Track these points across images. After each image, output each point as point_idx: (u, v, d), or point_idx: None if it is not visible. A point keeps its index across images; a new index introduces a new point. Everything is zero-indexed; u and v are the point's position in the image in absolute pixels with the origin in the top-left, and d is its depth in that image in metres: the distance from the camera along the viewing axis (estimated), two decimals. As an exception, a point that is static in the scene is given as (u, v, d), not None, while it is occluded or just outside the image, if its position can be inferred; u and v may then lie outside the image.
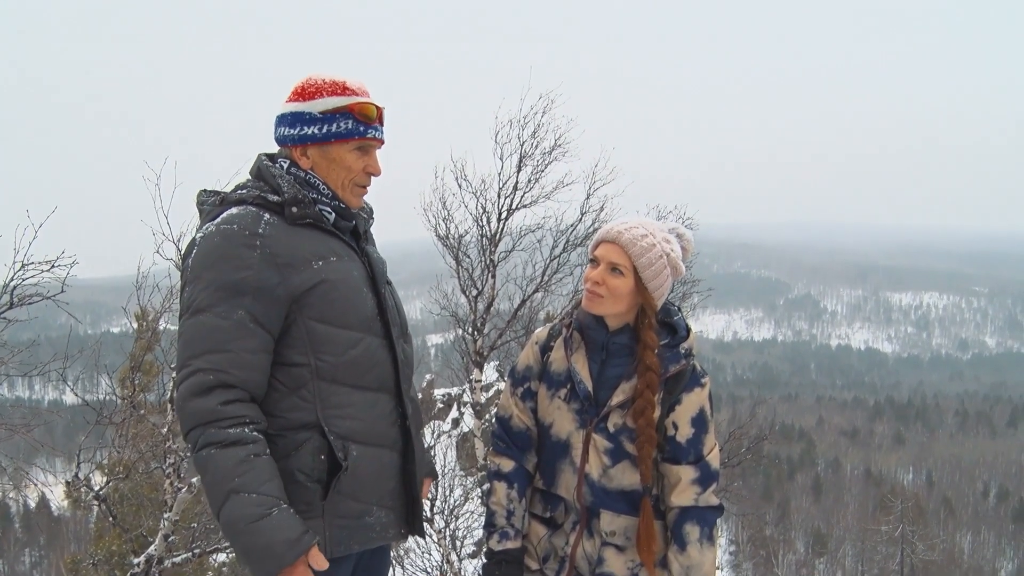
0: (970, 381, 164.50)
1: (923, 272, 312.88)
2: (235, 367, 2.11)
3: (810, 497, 65.26)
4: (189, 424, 2.10)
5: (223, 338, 2.10)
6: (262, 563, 2.05)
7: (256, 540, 2.03)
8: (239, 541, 2.06)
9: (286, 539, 2.05)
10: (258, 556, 2.04)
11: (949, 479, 77.07)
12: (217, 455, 2.06)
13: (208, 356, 2.09)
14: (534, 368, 2.72)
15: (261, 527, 2.03)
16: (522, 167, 8.99)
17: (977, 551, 59.09)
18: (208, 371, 2.08)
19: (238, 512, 2.04)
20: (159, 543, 5.56)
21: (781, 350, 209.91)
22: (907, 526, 37.17)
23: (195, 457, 2.10)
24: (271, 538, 2.03)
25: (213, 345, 2.10)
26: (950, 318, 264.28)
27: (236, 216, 2.19)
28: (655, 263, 2.47)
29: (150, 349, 8.22)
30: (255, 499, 2.04)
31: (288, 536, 2.05)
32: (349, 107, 2.31)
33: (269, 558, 2.04)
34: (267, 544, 2.03)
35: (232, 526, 2.05)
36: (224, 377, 2.09)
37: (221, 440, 2.06)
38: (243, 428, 2.09)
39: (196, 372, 2.09)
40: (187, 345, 2.13)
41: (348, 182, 2.37)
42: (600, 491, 2.56)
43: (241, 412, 2.10)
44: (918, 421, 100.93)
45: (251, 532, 2.03)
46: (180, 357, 2.15)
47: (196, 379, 2.09)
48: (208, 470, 2.07)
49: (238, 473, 2.05)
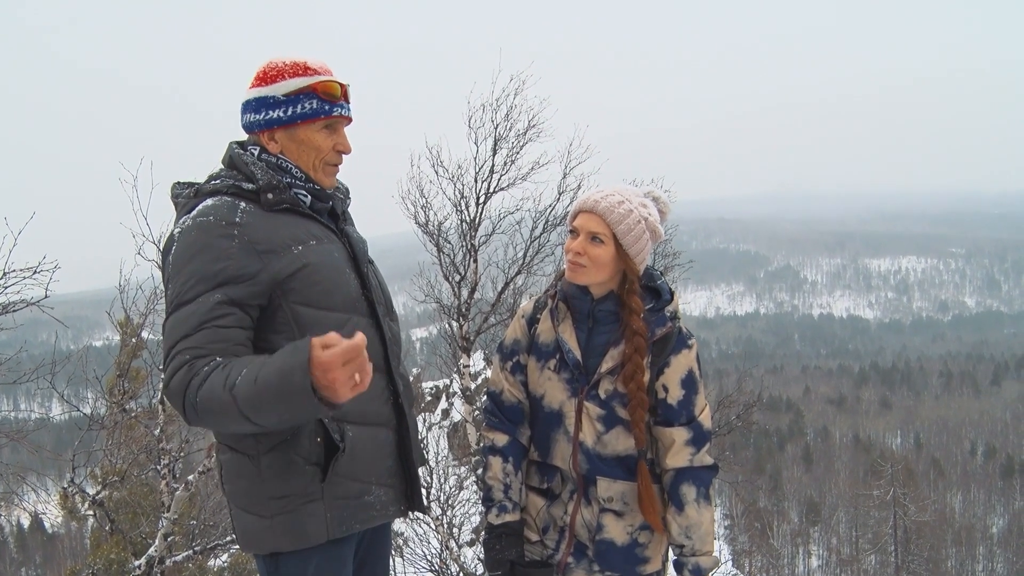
0: (952, 342, 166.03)
1: (900, 236, 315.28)
2: (209, 341, 2.05)
3: (801, 467, 65.70)
4: (179, 400, 2.02)
5: (197, 321, 2.06)
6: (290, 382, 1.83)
7: (271, 381, 1.85)
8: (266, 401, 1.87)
9: (286, 352, 1.88)
10: (287, 388, 1.84)
11: (937, 440, 77.81)
12: (206, 387, 1.96)
13: (184, 340, 2.05)
14: (522, 341, 2.73)
15: (265, 372, 1.88)
16: (497, 150, 8.98)
17: (968, 509, 59.63)
18: (184, 351, 2.03)
19: (245, 390, 1.89)
20: (159, 543, 5.56)
21: (764, 323, 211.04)
22: (898, 489, 37.40)
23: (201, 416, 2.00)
24: (276, 365, 1.86)
25: (188, 329, 2.05)
26: (929, 281, 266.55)
27: (212, 207, 2.17)
28: (634, 229, 2.48)
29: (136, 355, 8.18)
30: (246, 372, 1.92)
31: (287, 351, 1.89)
32: (312, 87, 2.28)
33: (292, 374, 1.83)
34: (279, 371, 1.85)
35: (252, 402, 1.88)
36: (198, 351, 2.03)
37: (203, 379, 1.97)
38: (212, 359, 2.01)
39: (175, 357, 2.04)
40: (167, 338, 2.09)
41: (319, 162, 2.35)
42: (595, 458, 2.58)
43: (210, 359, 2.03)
44: (903, 385, 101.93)
45: (263, 383, 1.87)
46: (163, 352, 2.11)
47: (175, 363, 2.04)
48: (211, 406, 1.95)
49: (228, 376, 1.94)
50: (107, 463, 7.42)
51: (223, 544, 6.39)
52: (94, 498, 5.92)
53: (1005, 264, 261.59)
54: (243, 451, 2.23)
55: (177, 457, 5.83)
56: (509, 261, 9.56)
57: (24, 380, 5.73)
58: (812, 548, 54.58)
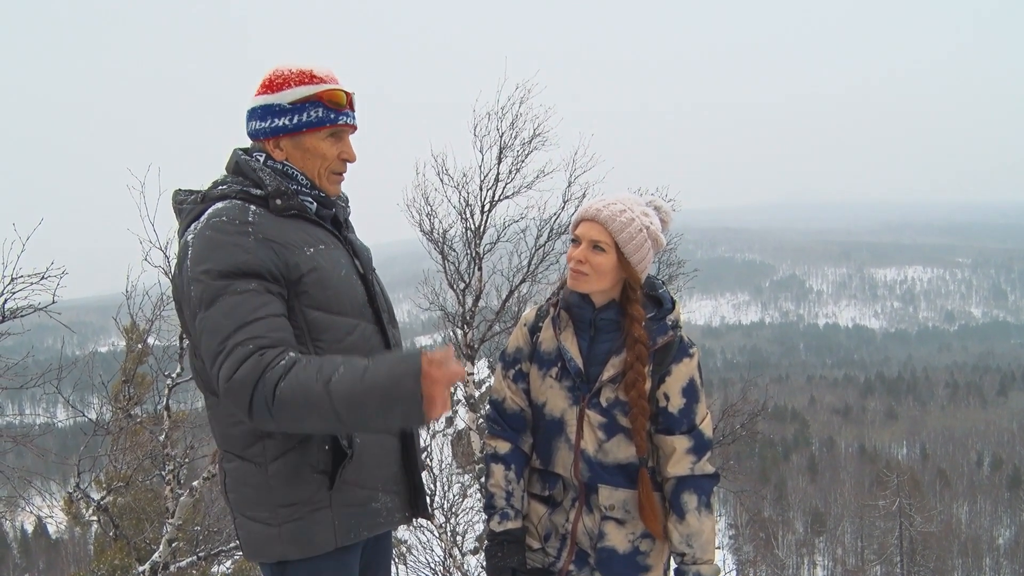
0: (958, 352, 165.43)
1: (906, 247, 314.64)
2: (269, 330, 2.01)
3: (806, 477, 65.42)
4: (247, 392, 1.97)
5: (247, 309, 2.02)
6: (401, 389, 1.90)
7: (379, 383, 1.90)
8: (372, 404, 1.92)
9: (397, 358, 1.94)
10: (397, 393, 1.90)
11: (943, 451, 77.48)
12: (291, 380, 1.93)
13: (240, 330, 2.00)
14: (524, 349, 2.73)
15: (372, 373, 1.91)
16: (502, 158, 8.99)
17: (974, 520, 59.37)
18: (245, 342, 1.99)
19: (344, 388, 1.91)
20: (163, 548, 5.57)
21: (769, 332, 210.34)
22: (904, 500, 37.23)
23: (275, 409, 1.96)
24: (387, 369, 1.91)
25: (241, 319, 2.01)
26: (935, 291, 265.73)
27: (223, 210, 2.15)
28: (635, 237, 2.48)
29: (142, 361, 8.21)
30: (345, 369, 1.93)
31: (396, 357, 1.95)
32: (318, 95, 2.28)
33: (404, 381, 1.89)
34: (390, 376, 1.90)
35: (352, 402, 1.90)
36: (262, 342, 2.00)
37: (284, 371, 1.95)
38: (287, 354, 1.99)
39: (234, 348, 1.99)
40: (215, 332, 2.03)
41: (324, 170, 2.35)
42: (597, 466, 2.58)
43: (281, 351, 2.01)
44: (909, 395, 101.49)
45: (371, 384, 1.91)
46: (211, 347, 2.03)
47: (236, 354, 1.98)
48: (295, 399, 1.93)
49: (320, 370, 1.94)
50: (112, 468, 7.44)
51: (227, 550, 6.40)
52: (99, 503, 5.93)
53: (1012, 274, 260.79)
54: (250, 459, 2.22)
55: (182, 463, 5.84)
56: (514, 269, 9.57)
57: (31, 385, 5.74)
58: (817, 558, 54.31)
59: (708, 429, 2.59)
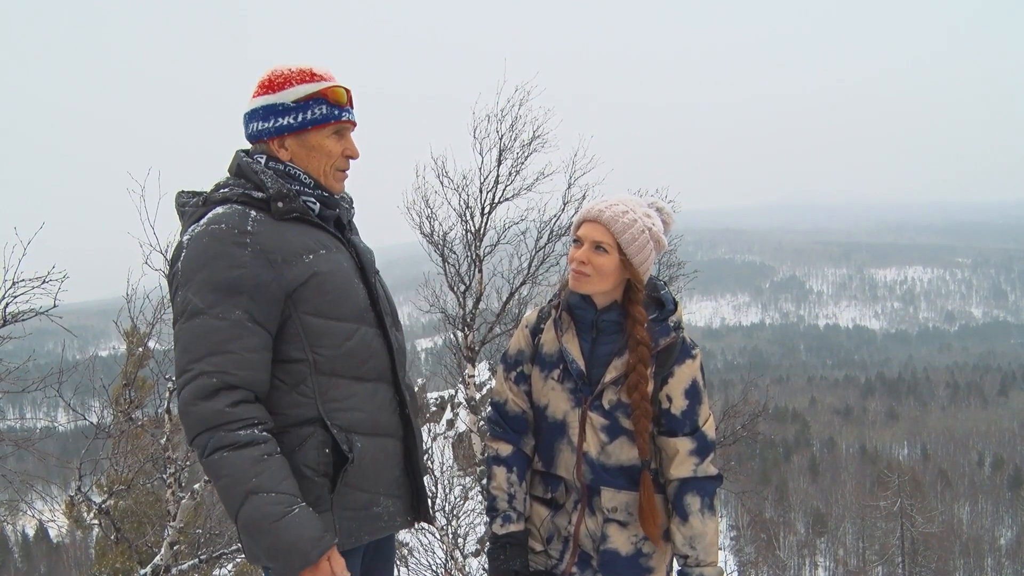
0: (959, 352, 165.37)
1: (906, 247, 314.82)
2: (238, 367, 2.07)
3: (807, 478, 65.36)
4: (196, 428, 2.06)
5: (223, 339, 2.07)
6: (287, 561, 2.05)
7: (281, 538, 2.03)
8: (262, 541, 2.04)
9: (310, 536, 2.05)
10: (284, 555, 2.04)
11: (944, 451, 77.42)
12: (231, 457, 2.03)
13: (210, 359, 2.06)
14: (526, 351, 2.73)
15: (285, 525, 2.03)
16: (502, 161, 8.97)
17: (976, 520, 59.29)
18: (211, 373, 2.05)
19: (259, 511, 2.02)
20: (165, 552, 5.57)
21: (770, 333, 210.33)
22: (905, 500, 37.30)
23: (206, 462, 2.07)
24: (296, 535, 2.03)
25: (213, 347, 2.06)
26: (935, 291, 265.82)
27: (223, 215, 2.16)
28: (638, 238, 2.48)
29: (142, 365, 8.20)
30: (275, 498, 2.03)
31: (312, 534, 2.06)
32: (322, 92, 2.28)
33: (295, 555, 2.04)
34: (292, 542, 2.03)
35: (254, 526, 2.03)
36: (228, 379, 2.06)
37: (233, 442, 2.03)
38: (253, 429, 2.07)
39: (199, 375, 2.05)
40: (186, 349, 2.09)
41: (330, 168, 2.35)
42: (599, 468, 2.58)
43: (250, 413, 2.08)
44: (910, 396, 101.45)
45: (275, 531, 2.02)
46: (180, 362, 2.10)
47: (199, 383, 2.05)
48: (222, 473, 2.04)
49: (255, 473, 2.03)
50: (113, 472, 7.44)
51: (228, 553, 6.40)
52: (100, 506, 5.93)
53: (1012, 274, 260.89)
54: None
55: (183, 466, 5.84)
56: (514, 271, 9.56)
57: (32, 389, 5.75)
58: (819, 559, 54.30)
59: (711, 431, 2.59)
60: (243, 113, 2.34)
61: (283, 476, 2.08)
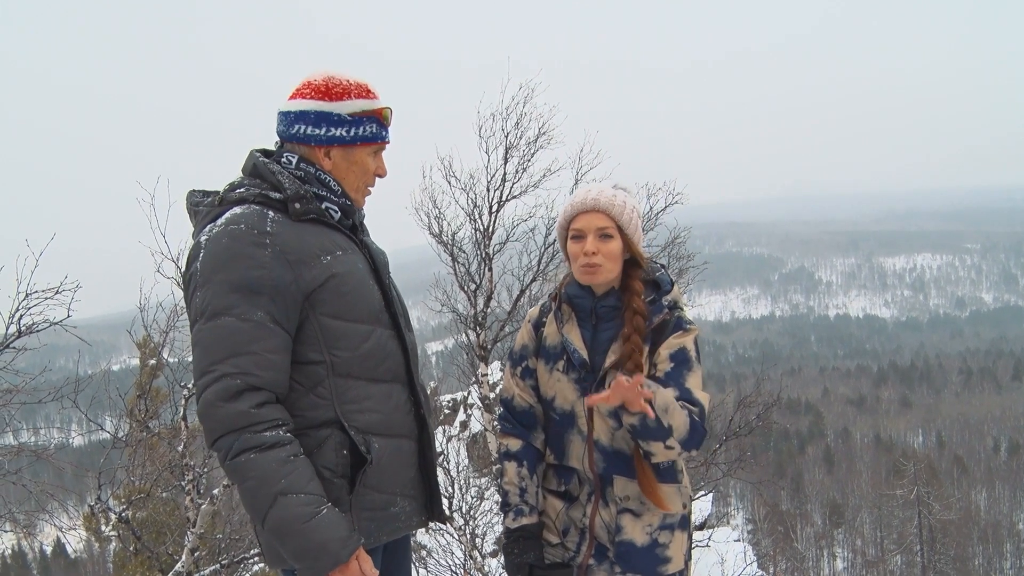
0: (971, 338, 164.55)
1: (914, 234, 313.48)
2: (261, 368, 2.08)
3: (823, 469, 65.21)
4: (220, 431, 2.07)
5: (245, 340, 2.07)
6: (317, 562, 2.07)
7: (311, 539, 2.05)
8: (292, 542, 2.06)
9: (340, 536, 2.08)
10: (313, 555, 2.06)
11: (959, 438, 77.14)
12: (258, 459, 2.04)
13: (232, 360, 2.06)
14: (530, 346, 2.78)
15: (315, 525, 2.05)
16: (508, 159, 9.00)
17: (993, 506, 59.07)
18: (234, 375, 2.06)
19: (290, 513, 2.04)
20: (186, 558, 5.59)
21: (780, 325, 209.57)
22: (922, 488, 37.17)
23: (230, 464, 2.08)
24: (327, 535, 2.06)
25: (236, 348, 2.07)
26: (945, 277, 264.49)
27: (241, 215, 2.16)
28: (632, 217, 2.59)
29: (156, 375, 8.23)
30: (304, 499, 2.05)
31: (341, 534, 2.08)
32: (377, 111, 2.32)
33: (325, 556, 2.06)
34: (323, 542, 2.05)
35: (284, 527, 2.05)
36: (251, 380, 2.06)
37: (259, 444, 2.05)
38: (278, 430, 2.08)
39: (222, 377, 2.06)
40: (207, 351, 2.09)
41: (363, 184, 2.39)
42: (612, 455, 2.60)
43: (274, 415, 2.09)
44: (923, 383, 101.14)
45: (305, 532, 2.04)
46: (201, 363, 2.10)
47: (223, 384, 2.05)
48: (249, 475, 2.05)
49: (283, 475, 2.04)
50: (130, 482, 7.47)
51: (249, 557, 6.42)
52: (120, 515, 5.95)
53: (1021, 258, 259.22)
54: None
55: (201, 472, 5.86)
56: (524, 268, 9.58)
57: (48, 399, 5.77)
58: (837, 550, 54.20)
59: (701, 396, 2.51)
60: (285, 110, 2.33)
61: (310, 477, 2.10)
